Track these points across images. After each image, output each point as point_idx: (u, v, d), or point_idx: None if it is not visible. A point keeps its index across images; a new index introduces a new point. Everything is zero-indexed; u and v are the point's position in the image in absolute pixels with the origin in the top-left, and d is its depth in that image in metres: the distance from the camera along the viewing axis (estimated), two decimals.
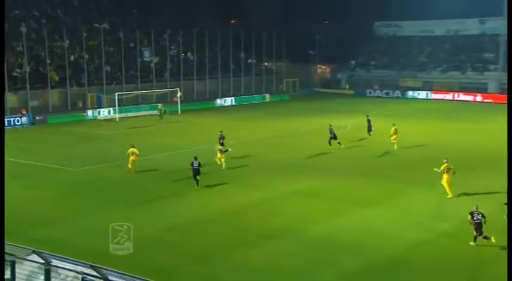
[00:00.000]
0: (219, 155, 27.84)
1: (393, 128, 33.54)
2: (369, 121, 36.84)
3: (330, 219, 19.91)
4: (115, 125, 46.21)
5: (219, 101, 61.02)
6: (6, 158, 28.78)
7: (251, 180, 25.45)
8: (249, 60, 69.56)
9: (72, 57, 54.04)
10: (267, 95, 66.22)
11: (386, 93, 70.03)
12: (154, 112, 49.57)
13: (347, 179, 25.57)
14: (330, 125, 33.60)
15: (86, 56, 54.06)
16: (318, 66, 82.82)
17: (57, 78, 52.28)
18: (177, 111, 52.58)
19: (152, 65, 58.65)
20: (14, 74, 49.31)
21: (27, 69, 48.72)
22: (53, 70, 52.01)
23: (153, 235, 18.24)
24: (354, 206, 21.49)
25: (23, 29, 49.15)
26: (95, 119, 49.27)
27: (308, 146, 34.17)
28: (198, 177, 24.01)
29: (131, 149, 27.31)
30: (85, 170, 28.31)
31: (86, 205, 21.97)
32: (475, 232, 17.25)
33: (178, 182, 25.13)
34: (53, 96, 51.07)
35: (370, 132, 36.43)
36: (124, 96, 52.19)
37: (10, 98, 47.86)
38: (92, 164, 29.34)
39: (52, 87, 50.63)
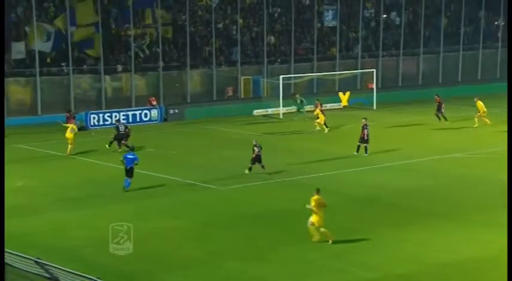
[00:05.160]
0: None
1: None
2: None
3: None
4: (278, 123, 49.35)
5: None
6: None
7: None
8: (496, 23, 68.49)
9: (221, 23, 58.52)
10: None
11: None
12: (331, 105, 52.45)
13: None
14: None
15: (240, 21, 57.85)
16: None
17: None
18: (372, 104, 54.28)
19: (338, 32, 60.26)
20: (139, 48, 54.36)
21: (160, 38, 53.96)
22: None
23: None
24: None
25: None
26: (250, 114, 52.92)
27: None
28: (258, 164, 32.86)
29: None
30: (234, 189, 31.08)
31: (240, 241, 24.07)
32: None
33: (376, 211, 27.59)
34: (193, 79, 55.87)
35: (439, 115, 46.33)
36: (293, 81, 55.20)
37: (137, 83, 53.84)
38: (245, 181, 32.11)
39: (192, 67, 55.29)
